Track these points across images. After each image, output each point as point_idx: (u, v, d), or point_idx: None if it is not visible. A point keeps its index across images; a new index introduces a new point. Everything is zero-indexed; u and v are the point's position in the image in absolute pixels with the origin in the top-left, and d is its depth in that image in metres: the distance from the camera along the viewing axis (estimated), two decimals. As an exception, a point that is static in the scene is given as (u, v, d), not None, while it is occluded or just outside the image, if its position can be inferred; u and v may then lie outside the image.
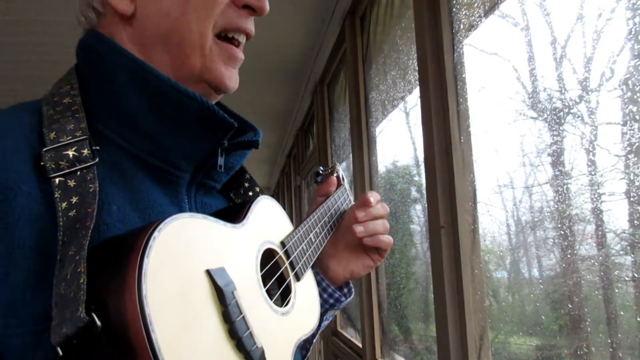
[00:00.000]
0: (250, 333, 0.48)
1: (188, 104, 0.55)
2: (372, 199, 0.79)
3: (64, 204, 0.46)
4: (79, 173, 0.48)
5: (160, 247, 0.41)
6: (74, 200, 0.46)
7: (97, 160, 0.50)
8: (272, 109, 4.25)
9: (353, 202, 0.91)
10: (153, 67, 0.55)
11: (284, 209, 0.69)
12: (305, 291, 0.67)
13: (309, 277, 0.70)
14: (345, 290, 0.82)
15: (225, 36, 0.61)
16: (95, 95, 0.56)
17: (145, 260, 0.39)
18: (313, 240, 0.73)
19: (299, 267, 0.66)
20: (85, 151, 0.50)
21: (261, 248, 0.58)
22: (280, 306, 0.58)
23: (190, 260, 0.44)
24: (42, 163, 0.48)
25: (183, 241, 0.44)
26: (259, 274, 0.55)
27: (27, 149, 0.49)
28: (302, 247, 0.68)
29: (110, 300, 0.38)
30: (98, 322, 0.36)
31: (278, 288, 0.62)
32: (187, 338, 0.40)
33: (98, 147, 0.51)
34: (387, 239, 0.80)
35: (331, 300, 0.79)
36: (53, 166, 0.48)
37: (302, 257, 0.68)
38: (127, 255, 0.39)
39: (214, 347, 0.43)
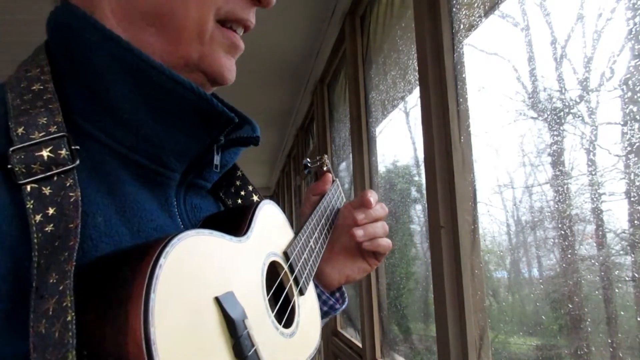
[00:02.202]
0: None
1: (183, 95, 0.47)
2: (372, 200, 0.74)
3: (38, 217, 0.37)
4: (55, 178, 0.40)
5: (167, 277, 0.34)
6: (51, 211, 0.38)
7: (77, 162, 0.42)
8: (272, 109, 4.25)
9: (344, 199, 0.87)
10: (141, 51, 0.47)
11: (284, 209, 0.66)
12: (307, 305, 0.62)
13: (310, 290, 0.65)
14: (338, 295, 0.77)
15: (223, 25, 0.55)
16: (70, 80, 0.47)
17: (152, 295, 0.32)
18: (314, 247, 0.68)
19: (303, 281, 0.61)
20: (63, 152, 0.41)
21: (266, 262, 0.53)
22: (286, 326, 0.54)
23: (198, 288, 0.39)
24: (9, 166, 0.39)
25: (190, 266, 0.38)
26: (266, 296, 0.50)
27: None
28: (305, 257, 0.63)
29: (107, 346, 0.31)
30: None
31: (283, 303, 0.57)
32: None
33: (78, 147, 0.43)
34: (387, 242, 0.75)
35: (325, 308, 0.73)
36: (23, 170, 0.39)
37: (305, 269, 0.62)
38: (129, 287, 0.32)
39: None
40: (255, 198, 0.66)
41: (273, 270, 0.57)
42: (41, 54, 0.49)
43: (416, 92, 1.55)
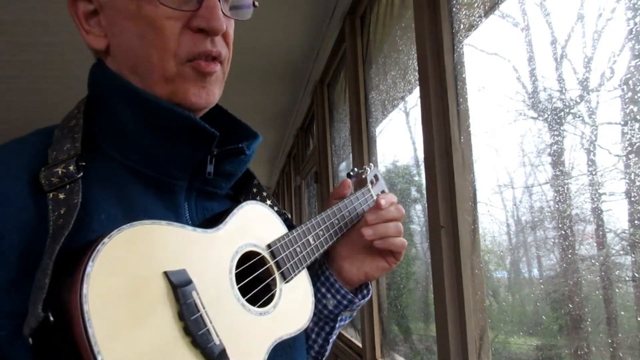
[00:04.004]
0: (208, 330, 0.50)
1: (173, 118, 0.59)
2: (383, 202, 0.79)
3: (54, 215, 0.51)
4: (67, 187, 0.54)
5: (108, 252, 0.45)
6: (62, 210, 0.51)
7: (81, 174, 0.55)
8: (272, 109, 4.25)
9: (368, 202, 0.91)
10: (139, 88, 0.60)
11: (284, 209, 0.69)
12: (295, 292, 0.67)
13: (302, 280, 0.70)
14: (365, 292, 0.84)
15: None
16: (98, 117, 0.63)
17: (90, 263, 0.43)
18: (311, 242, 0.73)
19: (287, 268, 0.67)
20: (72, 167, 0.55)
21: (240, 251, 0.60)
22: (261, 306, 0.60)
23: (145, 263, 0.48)
24: (39, 180, 0.54)
25: (138, 246, 0.48)
26: (232, 274, 0.57)
27: (27, 170, 0.55)
28: (295, 249, 0.69)
29: (60, 299, 0.43)
30: (51, 318, 0.42)
31: (264, 289, 0.63)
32: (129, 333, 0.44)
33: (84, 163, 0.56)
34: (400, 241, 0.79)
35: (345, 302, 0.79)
36: (47, 182, 0.54)
37: (292, 259, 0.68)
38: (78, 259, 0.44)
39: (163, 342, 0.46)
40: (268, 202, 0.75)
41: (253, 258, 0.63)
42: (83, 100, 0.65)
43: (416, 92, 1.55)
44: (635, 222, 0.89)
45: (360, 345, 2.45)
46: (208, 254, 0.56)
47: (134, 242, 0.48)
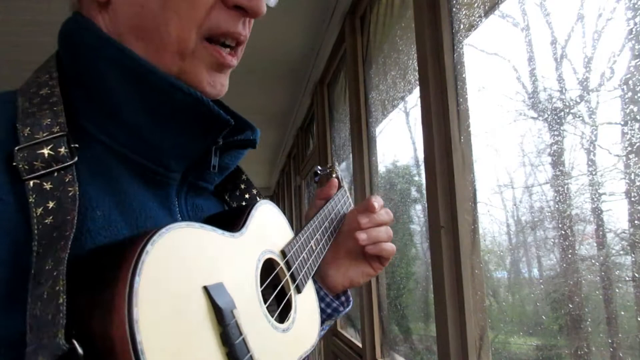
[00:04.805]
0: (251, 356, 0.44)
1: (180, 98, 0.49)
2: (376, 205, 0.75)
3: (39, 210, 0.40)
4: (55, 174, 0.43)
5: (153, 263, 0.36)
6: (51, 205, 0.41)
7: (75, 159, 0.44)
8: (272, 109, 4.25)
9: (352, 205, 0.88)
10: (140, 57, 0.49)
11: (284, 209, 0.67)
12: (306, 303, 0.63)
13: (309, 288, 0.65)
14: (343, 299, 0.78)
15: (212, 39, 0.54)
16: (75, 85, 0.50)
17: (137, 278, 0.34)
18: (314, 248, 0.68)
19: (300, 279, 0.61)
20: (63, 149, 0.44)
21: (261, 258, 0.54)
22: (281, 322, 0.55)
23: (186, 276, 0.40)
24: (14, 163, 0.42)
25: (179, 254, 0.40)
26: (259, 289, 0.51)
27: (3, 151, 0.43)
28: (303, 257, 0.64)
29: (94, 325, 0.33)
30: (80, 351, 0.32)
31: (278, 300, 0.58)
32: None
33: (77, 145, 0.45)
34: (390, 247, 0.75)
35: (329, 310, 0.74)
36: (26, 167, 0.42)
37: (303, 268, 0.63)
38: (116, 272, 0.34)
39: None
40: (259, 200, 0.66)
41: (270, 267, 0.57)
42: (51, 61, 0.52)
43: (416, 92, 1.55)
44: (635, 222, 0.89)
45: (360, 345, 2.45)
46: (237, 263, 0.49)
47: (172, 249, 0.39)
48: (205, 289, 0.41)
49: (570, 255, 1.05)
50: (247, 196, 0.68)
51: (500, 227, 1.35)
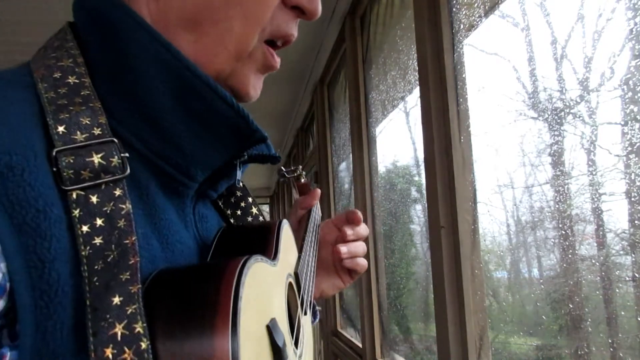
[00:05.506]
0: None
1: (222, 109, 0.44)
2: (360, 216, 0.73)
3: (85, 228, 0.34)
4: (103, 187, 0.37)
5: (247, 298, 0.33)
6: (99, 222, 0.35)
7: (127, 172, 0.38)
8: (272, 109, 4.25)
9: (320, 214, 0.84)
10: (188, 59, 0.43)
11: (284, 209, 0.66)
12: (307, 325, 0.61)
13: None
14: (314, 311, 0.75)
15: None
16: (104, 78, 0.43)
17: (239, 315, 0.31)
18: (312, 265, 0.66)
19: (307, 302, 0.60)
20: (115, 159, 0.38)
21: (285, 284, 0.52)
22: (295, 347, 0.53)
23: (258, 313, 0.37)
24: (54, 169, 0.35)
25: (254, 291, 0.37)
26: (287, 318, 0.49)
27: (42, 149, 0.35)
28: (308, 277, 0.62)
29: None
30: None
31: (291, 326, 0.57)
32: None
33: (128, 155, 0.39)
34: (364, 262, 0.74)
35: None
36: (72, 175, 0.35)
37: (308, 289, 0.61)
38: (211, 309, 0.31)
39: None
40: (254, 210, 0.64)
41: (289, 292, 0.56)
42: (70, 41, 0.44)
43: (416, 92, 1.55)
44: (635, 222, 0.89)
45: (360, 345, 2.45)
46: (277, 293, 0.47)
47: (251, 285, 0.36)
48: (268, 327, 0.38)
49: (570, 255, 1.05)
50: (242, 204, 0.64)
51: (500, 227, 1.35)
